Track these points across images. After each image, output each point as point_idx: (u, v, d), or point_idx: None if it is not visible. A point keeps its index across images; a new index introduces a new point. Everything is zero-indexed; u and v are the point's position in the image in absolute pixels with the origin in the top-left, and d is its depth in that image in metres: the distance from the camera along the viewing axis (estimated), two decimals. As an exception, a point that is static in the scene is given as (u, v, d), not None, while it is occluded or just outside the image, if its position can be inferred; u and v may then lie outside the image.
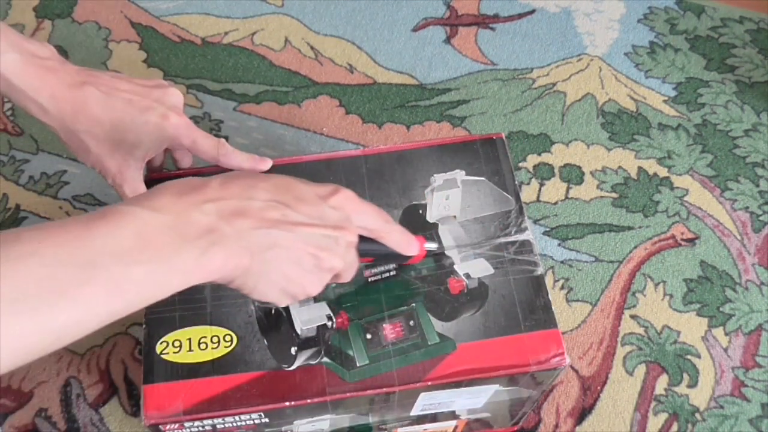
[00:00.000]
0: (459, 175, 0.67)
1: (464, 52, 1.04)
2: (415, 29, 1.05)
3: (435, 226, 0.64)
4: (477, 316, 0.60)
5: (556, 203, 0.92)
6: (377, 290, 0.62)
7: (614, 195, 0.93)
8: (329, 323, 0.60)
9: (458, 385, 0.59)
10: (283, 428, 0.62)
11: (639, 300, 0.86)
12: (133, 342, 0.82)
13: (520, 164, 0.94)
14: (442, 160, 0.68)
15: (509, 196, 0.66)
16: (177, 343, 0.59)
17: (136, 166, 0.63)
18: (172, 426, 0.57)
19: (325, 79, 1.00)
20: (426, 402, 0.62)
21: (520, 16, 1.07)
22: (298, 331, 0.60)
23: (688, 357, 0.83)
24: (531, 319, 0.60)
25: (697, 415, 0.80)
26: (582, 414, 0.80)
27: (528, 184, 0.93)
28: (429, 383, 0.58)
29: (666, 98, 1.00)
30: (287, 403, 0.57)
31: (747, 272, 0.88)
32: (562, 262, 0.88)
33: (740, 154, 0.96)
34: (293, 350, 0.59)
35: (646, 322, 0.85)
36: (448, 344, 0.59)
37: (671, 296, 0.86)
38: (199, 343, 0.59)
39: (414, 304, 0.61)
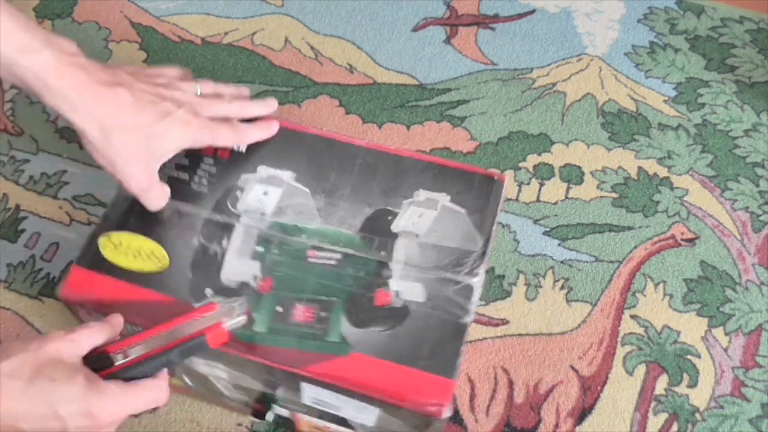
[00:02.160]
0: (443, 198, 0.66)
1: (464, 52, 1.04)
2: (415, 29, 1.05)
3: (394, 236, 0.64)
4: (385, 334, 0.59)
5: (556, 203, 0.92)
6: (311, 271, 0.62)
7: (614, 195, 0.93)
8: (252, 283, 0.61)
9: (338, 390, 0.59)
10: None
11: (639, 300, 0.86)
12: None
13: (520, 164, 0.94)
14: (435, 178, 0.67)
15: (479, 238, 0.64)
16: (118, 242, 0.62)
17: (155, 167, 0.64)
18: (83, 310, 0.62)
19: (325, 79, 1.00)
20: (312, 395, 0.62)
21: (520, 16, 1.07)
22: (222, 279, 0.61)
23: (688, 357, 0.83)
24: (433, 360, 0.58)
25: (697, 415, 0.80)
26: (582, 414, 0.80)
27: (528, 184, 0.93)
28: (304, 373, 0.58)
29: (666, 98, 1.00)
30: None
31: (747, 272, 0.88)
32: (562, 262, 0.88)
33: (740, 154, 0.96)
34: (209, 292, 0.61)
35: (646, 322, 0.85)
36: (343, 347, 0.59)
37: (671, 296, 0.86)
38: (139, 252, 0.62)
39: (335, 299, 0.61)
